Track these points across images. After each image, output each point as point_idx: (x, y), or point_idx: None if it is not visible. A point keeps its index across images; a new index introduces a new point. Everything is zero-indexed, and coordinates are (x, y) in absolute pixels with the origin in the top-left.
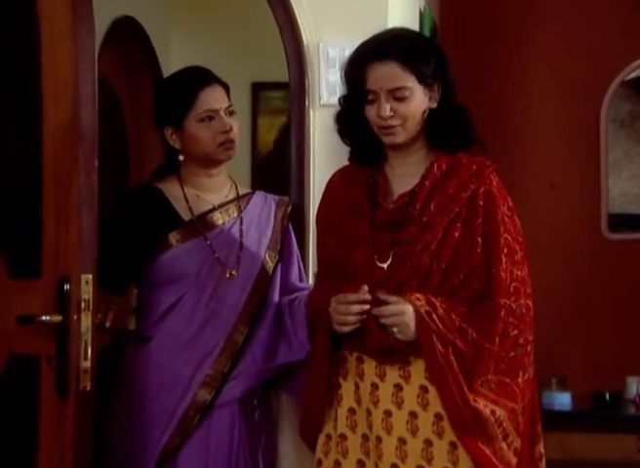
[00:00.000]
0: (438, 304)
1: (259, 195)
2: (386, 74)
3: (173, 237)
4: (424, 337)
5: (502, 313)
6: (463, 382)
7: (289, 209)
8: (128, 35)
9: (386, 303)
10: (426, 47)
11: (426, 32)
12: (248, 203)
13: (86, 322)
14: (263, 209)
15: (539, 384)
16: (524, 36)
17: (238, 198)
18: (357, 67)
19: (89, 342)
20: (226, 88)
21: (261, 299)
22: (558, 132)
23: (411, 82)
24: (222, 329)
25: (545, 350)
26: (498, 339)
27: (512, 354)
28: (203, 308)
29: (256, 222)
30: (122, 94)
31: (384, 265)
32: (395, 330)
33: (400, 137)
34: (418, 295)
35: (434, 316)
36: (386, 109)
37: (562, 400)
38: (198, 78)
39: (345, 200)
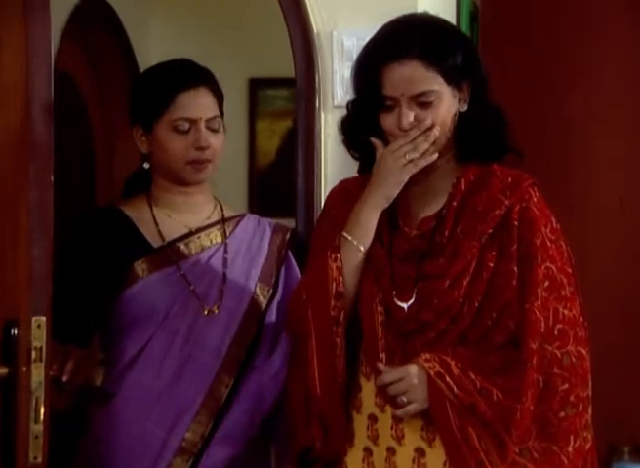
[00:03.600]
0: (453, 364)
1: (250, 218)
2: (408, 77)
3: (139, 267)
4: (436, 406)
5: (534, 361)
6: (486, 461)
7: (288, 235)
8: (96, 20)
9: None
10: (452, 37)
11: (465, 18)
12: (235, 227)
13: (38, 375)
14: (255, 234)
15: (608, 453)
16: (589, 20)
17: (223, 221)
18: (370, 69)
19: (41, 400)
20: (218, 93)
21: (251, 343)
22: (629, 139)
23: (437, 84)
24: (201, 380)
25: (615, 411)
26: (529, 394)
27: (562, 414)
28: (176, 354)
29: (244, 250)
30: (89, 93)
31: (405, 305)
32: (404, 398)
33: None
34: (427, 356)
35: (447, 378)
36: (409, 118)
37: None
38: (184, 75)
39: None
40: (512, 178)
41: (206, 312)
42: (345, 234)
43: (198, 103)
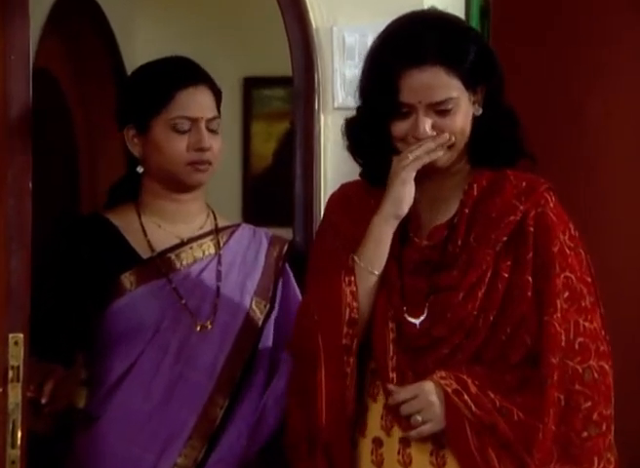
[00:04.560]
0: (470, 382)
1: (245, 229)
2: (428, 84)
3: (126, 279)
4: (453, 426)
5: (555, 377)
6: None
7: (285, 248)
8: (80, 15)
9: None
10: (469, 38)
11: (475, 14)
12: (229, 237)
13: (15, 396)
14: (251, 246)
15: None
16: (608, 18)
17: (216, 231)
18: (386, 74)
19: (18, 424)
20: (217, 93)
21: (247, 361)
22: None
23: (457, 91)
24: (194, 401)
25: (636, 430)
26: (551, 412)
27: (585, 434)
28: (166, 373)
29: (239, 262)
30: (71, 92)
31: (416, 321)
32: (419, 418)
33: (442, 160)
34: (442, 374)
35: (465, 396)
36: (428, 128)
37: None
38: (182, 72)
39: (356, 232)
40: (527, 183)
41: (199, 328)
42: (357, 258)
43: (198, 102)
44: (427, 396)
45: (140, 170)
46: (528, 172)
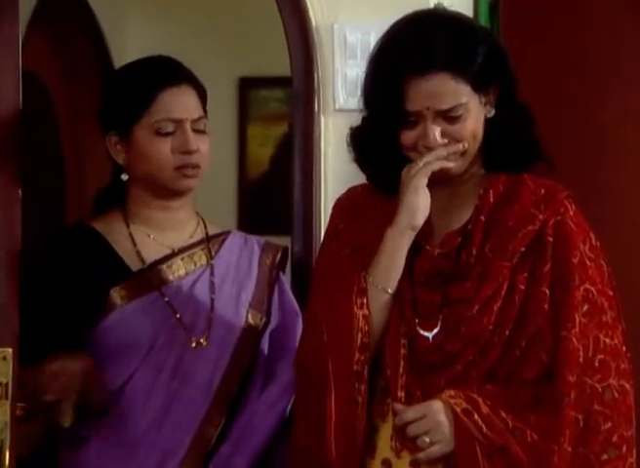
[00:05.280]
0: (481, 401)
1: (236, 236)
2: (435, 91)
3: (116, 293)
4: (463, 448)
5: (572, 395)
6: None
7: (279, 255)
8: (66, 13)
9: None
10: (478, 38)
11: (483, 11)
12: (220, 246)
13: (3, 414)
14: (243, 254)
15: None
16: (626, 12)
17: (207, 240)
18: (391, 82)
19: (6, 444)
20: (202, 92)
21: (244, 377)
22: None
23: (466, 96)
24: (190, 419)
25: None
26: (567, 433)
27: (605, 457)
28: (162, 391)
29: (232, 272)
30: (57, 94)
31: (429, 334)
32: (427, 439)
33: (455, 168)
34: (451, 393)
35: (475, 416)
36: (437, 135)
37: None
38: (162, 72)
39: (365, 238)
40: (546, 190)
41: (194, 344)
42: (369, 276)
43: (182, 103)
44: (436, 416)
45: (124, 177)
46: (544, 176)
